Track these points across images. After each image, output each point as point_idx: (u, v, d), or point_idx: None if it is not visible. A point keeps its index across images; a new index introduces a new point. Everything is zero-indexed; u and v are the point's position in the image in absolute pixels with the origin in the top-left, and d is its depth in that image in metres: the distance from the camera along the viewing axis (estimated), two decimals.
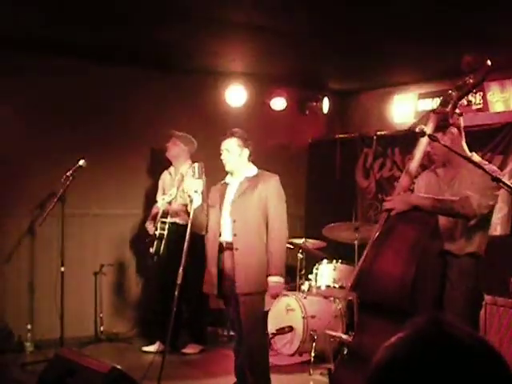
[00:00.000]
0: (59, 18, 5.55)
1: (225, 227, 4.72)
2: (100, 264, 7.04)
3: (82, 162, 6.06)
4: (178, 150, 6.64)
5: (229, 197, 4.78)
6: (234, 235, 4.65)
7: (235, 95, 7.64)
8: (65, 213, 6.10)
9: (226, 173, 4.88)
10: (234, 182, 4.82)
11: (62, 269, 6.12)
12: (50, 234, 6.54)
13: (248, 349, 4.75)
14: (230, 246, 4.70)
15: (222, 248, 4.73)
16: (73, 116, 6.86)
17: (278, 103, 8.05)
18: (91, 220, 7.10)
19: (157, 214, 6.51)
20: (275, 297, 4.89)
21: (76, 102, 6.85)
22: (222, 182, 4.90)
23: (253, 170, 4.85)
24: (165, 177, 6.79)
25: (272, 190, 4.73)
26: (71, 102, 6.83)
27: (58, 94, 6.75)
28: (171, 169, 6.75)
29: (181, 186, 6.16)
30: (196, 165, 4.64)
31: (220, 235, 4.73)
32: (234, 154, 4.74)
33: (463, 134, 3.90)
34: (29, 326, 6.48)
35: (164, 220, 6.42)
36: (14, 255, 6.59)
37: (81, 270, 6.96)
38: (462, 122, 3.88)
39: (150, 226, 6.60)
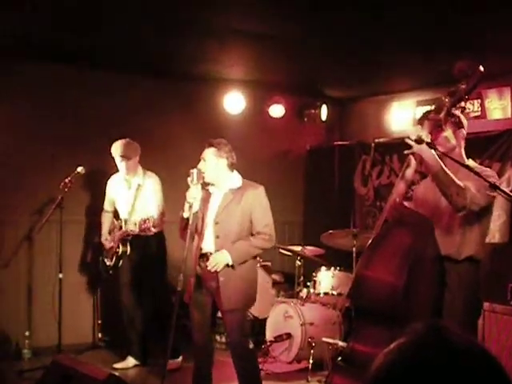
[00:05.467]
0: (51, 22, 5.54)
1: (207, 239, 4.63)
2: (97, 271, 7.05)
3: (80, 169, 6.09)
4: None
5: (212, 208, 4.65)
6: (217, 251, 4.55)
7: (234, 102, 7.64)
8: (63, 219, 6.11)
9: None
10: (217, 193, 4.69)
11: (60, 275, 6.14)
12: (49, 240, 6.56)
13: (236, 359, 4.71)
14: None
15: (202, 257, 4.63)
16: (70, 123, 6.87)
17: (277, 110, 8.05)
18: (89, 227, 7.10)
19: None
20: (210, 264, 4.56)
21: (74, 109, 6.87)
22: (206, 188, 4.72)
23: (237, 181, 4.69)
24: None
25: (255, 202, 4.60)
26: (69, 109, 6.85)
27: (57, 101, 6.77)
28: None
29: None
30: (194, 171, 4.56)
31: (201, 247, 4.63)
32: (210, 164, 4.60)
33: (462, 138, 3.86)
34: (27, 333, 6.47)
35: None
36: (12, 262, 6.58)
37: (79, 277, 6.97)
38: (463, 124, 3.82)
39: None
